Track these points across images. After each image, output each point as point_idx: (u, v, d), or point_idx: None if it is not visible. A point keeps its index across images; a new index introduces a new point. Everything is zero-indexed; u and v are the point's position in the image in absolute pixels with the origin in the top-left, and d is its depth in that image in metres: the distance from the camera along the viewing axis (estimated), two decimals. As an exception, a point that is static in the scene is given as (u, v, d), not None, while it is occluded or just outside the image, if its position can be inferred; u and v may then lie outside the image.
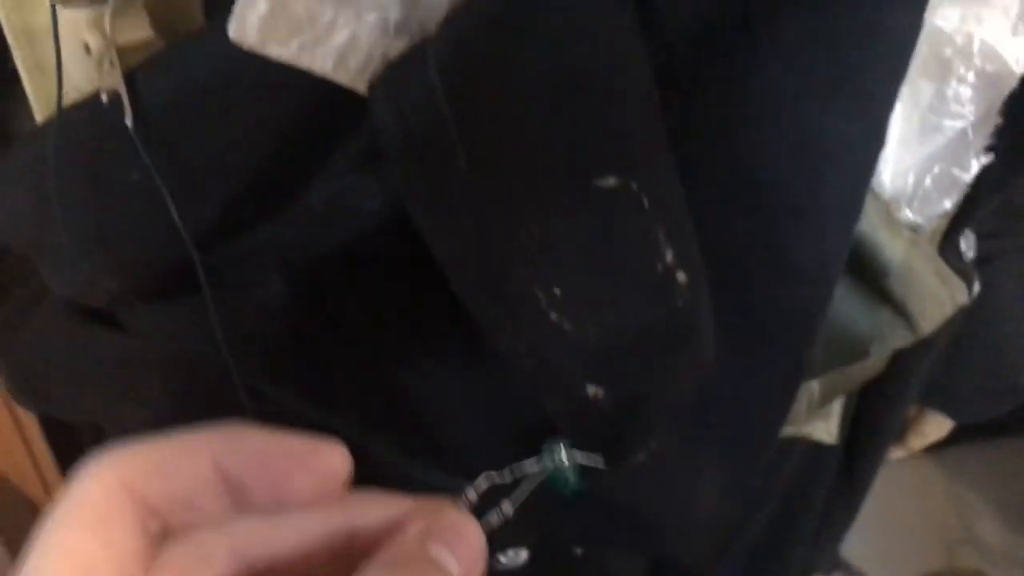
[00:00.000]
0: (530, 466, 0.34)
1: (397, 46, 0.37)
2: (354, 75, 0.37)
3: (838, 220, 0.39)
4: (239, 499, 0.25)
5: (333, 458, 0.26)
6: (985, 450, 1.78)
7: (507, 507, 0.30)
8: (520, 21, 0.34)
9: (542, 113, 0.34)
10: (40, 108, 0.45)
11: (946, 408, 0.86)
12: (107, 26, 0.41)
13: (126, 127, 0.40)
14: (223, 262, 0.43)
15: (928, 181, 0.41)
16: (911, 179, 0.42)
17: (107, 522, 0.23)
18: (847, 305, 0.44)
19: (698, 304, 0.36)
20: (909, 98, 0.40)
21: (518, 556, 0.57)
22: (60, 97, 0.43)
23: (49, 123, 0.44)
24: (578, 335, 0.36)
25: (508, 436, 0.45)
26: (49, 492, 1.22)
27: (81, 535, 0.23)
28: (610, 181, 0.35)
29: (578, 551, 0.57)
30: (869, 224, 0.41)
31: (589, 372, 0.37)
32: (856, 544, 1.09)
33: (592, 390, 0.37)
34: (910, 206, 0.42)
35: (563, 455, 0.35)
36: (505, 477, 0.33)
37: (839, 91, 0.36)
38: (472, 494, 0.29)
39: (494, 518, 0.30)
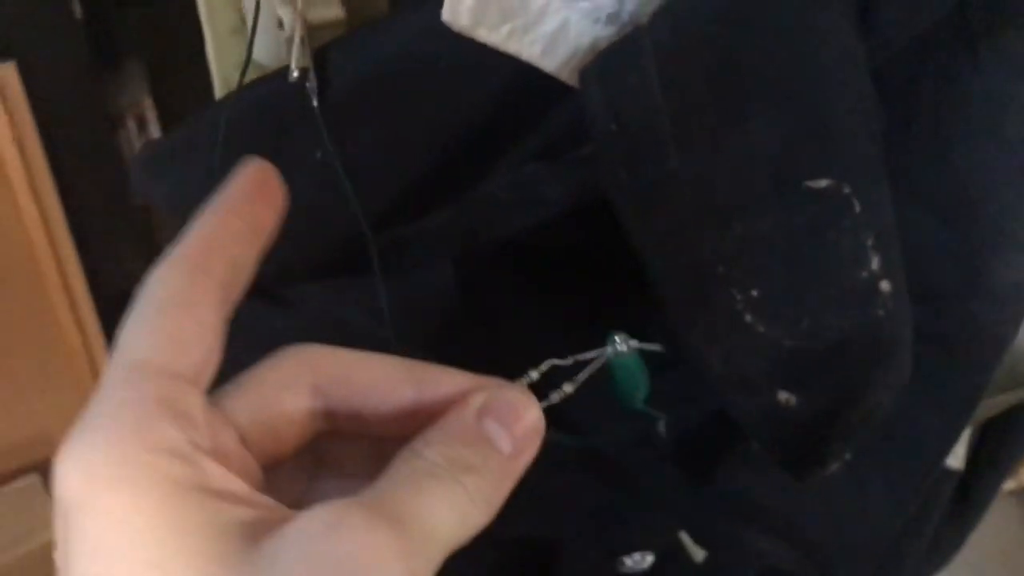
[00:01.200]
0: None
1: (606, 36, 0.36)
2: (561, 63, 0.36)
3: None
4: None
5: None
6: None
7: (568, 387, 0.31)
8: (747, 16, 0.33)
9: (761, 110, 0.34)
10: (220, 78, 0.45)
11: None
12: (299, 1, 0.41)
13: (312, 106, 0.40)
14: (396, 243, 0.43)
15: None
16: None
17: (192, 306, 0.25)
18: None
19: (900, 316, 0.36)
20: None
21: (643, 560, 0.57)
22: (245, 70, 0.43)
23: (228, 96, 0.44)
24: (773, 339, 0.36)
25: (670, 437, 0.44)
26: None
27: (173, 319, 0.25)
28: (822, 183, 0.34)
29: (699, 558, 0.56)
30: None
31: (782, 378, 0.36)
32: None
33: (784, 396, 0.36)
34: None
35: (625, 343, 0.35)
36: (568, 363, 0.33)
37: None
38: (535, 375, 0.31)
39: (555, 397, 0.31)
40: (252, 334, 0.49)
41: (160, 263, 0.26)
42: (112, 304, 1.27)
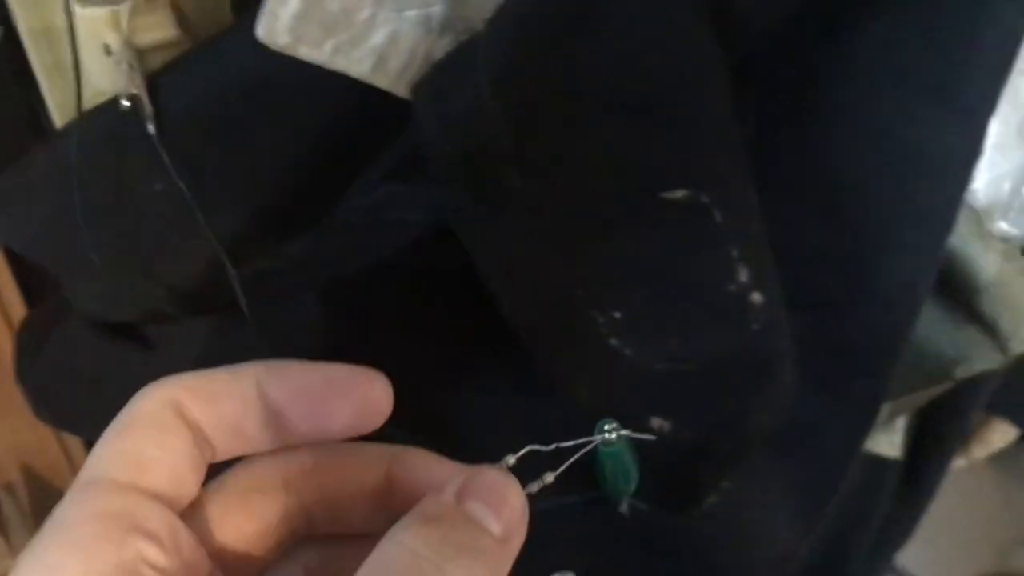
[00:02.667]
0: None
1: (442, 45, 0.33)
2: (394, 78, 0.33)
3: (929, 237, 0.35)
4: (282, 430, 0.25)
5: (374, 388, 0.25)
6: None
7: (548, 477, 0.28)
8: (580, 20, 0.30)
9: (606, 121, 0.31)
10: (59, 112, 0.42)
11: (1013, 416, 0.82)
12: (125, 26, 0.38)
13: (148, 134, 0.37)
14: (254, 277, 0.40)
15: (1027, 189, 0.38)
16: (1007, 187, 0.38)
17: (162, 431, 0.23)
18: (931, 325, 0.40)
19: (776, 329, 0.33)
20: (1007, 98, 0.36)
21: (571, 585, 0.54)
22: (80, 102, 0.40)
23: (68, 129, 0.41)
24: (640, 362, 0.33)
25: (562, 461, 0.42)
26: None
27: (137, 440, 0.23)
28: (678, 194, 0.31)
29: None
30: (959, 236, 0.38)
31: (654, 404, 0.34)
32: (907, 547, 1.06)
33: (658, 423, 0.33)
34: (1005, 217, 0.38)
35: (615, 432, 0.32)
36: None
37: (936, 94, 0.33)
38: (512, 460, 0.27)
39: (534, 487, 0.27)
40: (117, 375, 0.46)
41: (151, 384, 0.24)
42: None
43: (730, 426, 0.34)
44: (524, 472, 0.28)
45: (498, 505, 0.23)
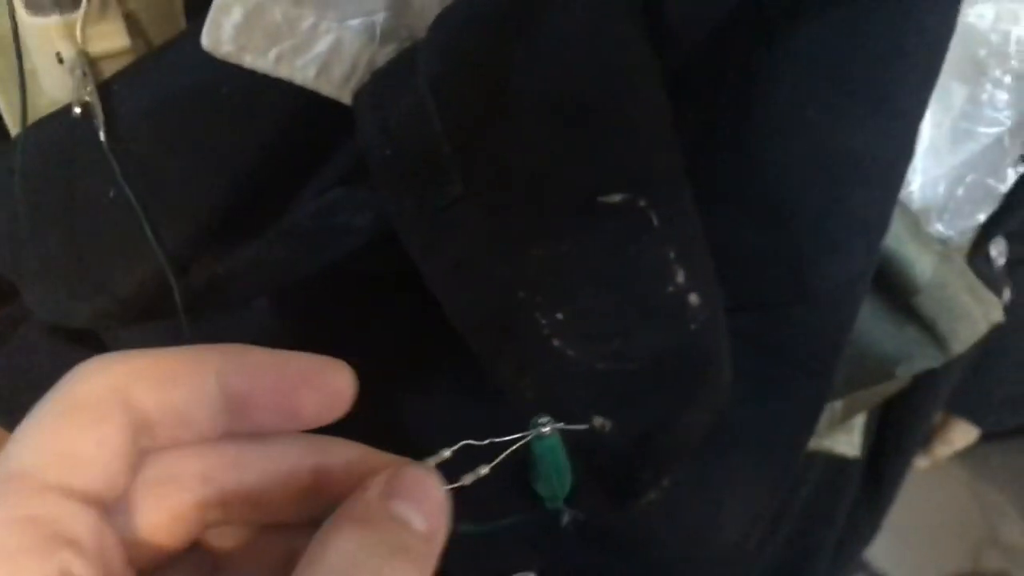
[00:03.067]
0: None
1: (385, 53, 0.34)
2: (338, 85, 0.34)
3: (863, 238, 0.36)
4: (241, 419, 0.24)
5: (338, 377, 0.25)
6: (1009, 450, 1.74)
7: (483, 469, 0.28)
8: (518, 25, 0.31)
9: (543, 126, 0.32)
10: (12, 121, 0.42)
11: (973, 416, 0.83)
12: (79, 34, 0.38)
13: (100, 142, 0.38)
14: (206, 282, 0.41)
15: (960, 192, 0.38)
16: (942, 189, 0.39)
17: (102, 423, 0.22)
18: (872, 325, 0.41)
19: (713, 329, 0.34)
20: (940, 103, 0.37)
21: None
22: (25, 112, 0.40)
23: (20, 136, 0.42)
24: (582, 362, 0.34)
25: (507, 470, 0.42)
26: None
27: (70, 431, 0.22)
28: (616, 197, 0.32)
29: None
30: (897, 238, 0.38)
31: (596, 403, 0.34)
32: (879, 546, 1.06)
33: (599, 422, 0.34)
34: (941, 218, 0.39)
35: (549, 424, 0.31)
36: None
37: (864, 100, 0.33)
38: (447, 453, 0.28)
39: (469, 479, 0.28)
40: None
41: (95, 359, 0.23)
42: None
43: (670, 424, 0.34)
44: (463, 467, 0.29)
45: (421, 501, 0.24)
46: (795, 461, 0.42)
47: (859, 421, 0.64)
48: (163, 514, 0.24)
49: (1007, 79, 0.35)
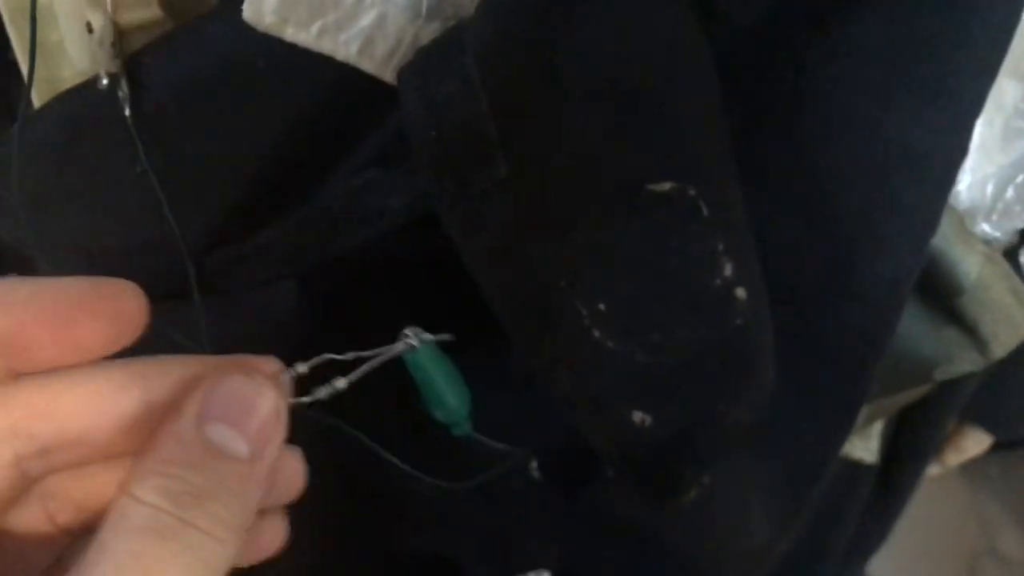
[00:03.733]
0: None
1: (429, 31, 0.33)
2: (380, 62, 0.33)
3: (912, 237, 0.35)
4: (19, 359, 0.22)
5: (124, 299, 0.23)
6: (1007, 462, 1.74)
7: (340, 382, 0.27)
8: (567, 6, 0.30)
9: (593, 110, 0.31)
10: (39, 92, 0.41)
11: (987, 424, 0.82)
12: (108, 4, 0.37)
13: (125, 116, 0.37)
14: (232, 262, 0.40)
15: (1010, 192, 0.38)
16: (990, 189, 0.38)
17: None
18: (911, 325, 0.40)
19: (758, 325, 0.33)
20: (992, 100, 0.36)
21: (540, 579, 0.54)
22: (31, 80, 0.39)
23: (44, 109, 0.41)
24: (624, 355, 0.33)
25: (540, 455, 0.41)
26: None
27: None
28: (665, 186, 0.31)
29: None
30: (943, 237, 0.38)
31: (636, 397, 0.33)
32: (876, 557, 1.06)
33: (639, 417, 0.33)
34: (988, 219, 0.39)
35: (416, 337, 0.31)
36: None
37: (922, 93, 0.32)
38: (304, 368, 0.26)
39: (323, 392, 0.27)
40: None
41: None
42: None
43: (710, 421, 0.33)
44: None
45: (243, 419, 0.22)
46: (827, 464, 0.41)
47: (877, 427, 0.63)
48: None
49: (1064, 77, 0.35)
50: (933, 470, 0.89)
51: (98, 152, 0.38)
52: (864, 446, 0.63)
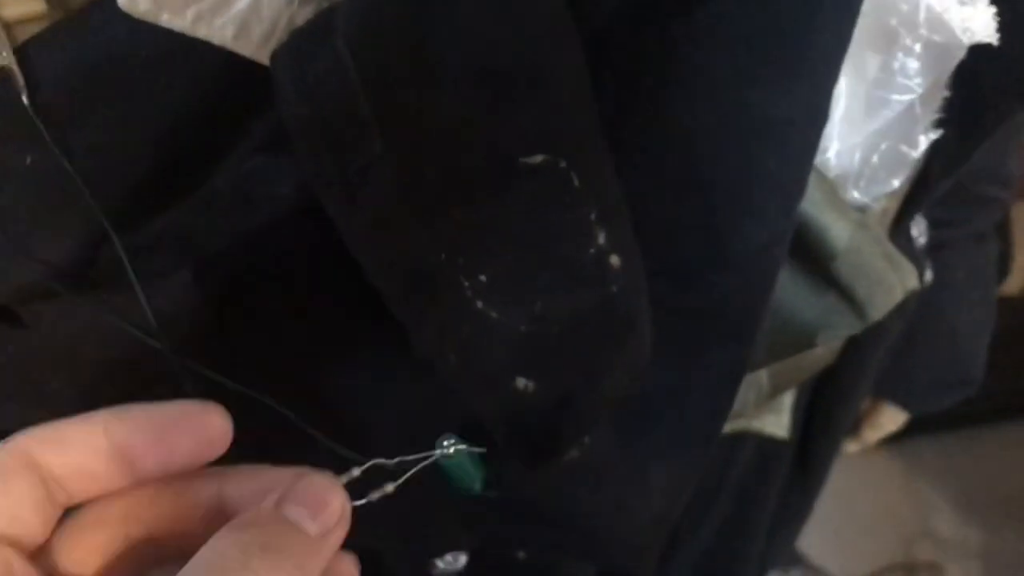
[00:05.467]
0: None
1: (304, 13, 0.34)
2: (257, 46, 0.34)
3: (779, 202, 0.36)
4: (132, 467, 0.27)
5: (212, 420, 0.28)
6: (941, 443, 1.78)
7: (389, 487, 0.31)
8: None
9: (464, 86, 0.32)
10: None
11: (899, 399, 0.85)
12: (-7, -3, 0.38)
13: (14, 107, 0.37)
14: (125, 252, 0.40)
15: (875, 159, 0.39)
16: (857, 157, 0.39)
17: (5, 479, 0.26)
18: (791, 292, 0.42)
19: (634, 290, 0.34)
20: (854, 71, 0.38)
21: (457, 560, 0.55)
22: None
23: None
24: (506, 325, 0.34)
25: (430, 435, 0.42)
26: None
27: None
28: (537, 158, 0.32)
29: (521, 555, 0.55)
30: (814, 205, 0.39)
31: (518, 364, 0.34)
32: (813, 538, 1.08)
33: (522, 383, 0.34)
34: (856, 186, 0.40)
35: (453, 447, 0.34)
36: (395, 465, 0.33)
37: (779, 64, 0.34)
38: (357, 472, 0.30)
39: (375, 496, 0.31)
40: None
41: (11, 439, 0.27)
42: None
43: (591, 385, 0.34)
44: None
45: (317, 507, 0.26)
46: (717, 429, 0.42)
47: (787, 401, 0.65)
48: (95, 557, 0.27)
49: (917, 47, 0.36)
50: (852, 447, 0.91)
51: None
52: (776, 421, 0.65)
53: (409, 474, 0.32)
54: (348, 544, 0.53)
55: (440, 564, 0.54)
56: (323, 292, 0.41)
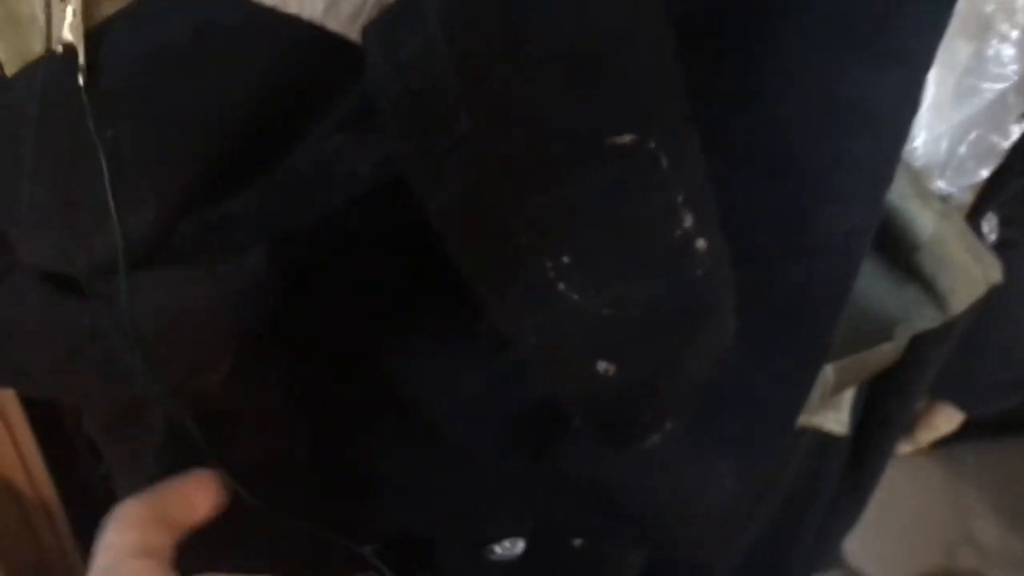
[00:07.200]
0: None
1: (394, -10, 0.34)
2: (346, 21, 0.34)
3: (867, 189, 0.36)
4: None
5: (202, 486, 0.40)
6: (984, 450, 1.76)
7: None
8: None
9: (553, 66, 0.31)
10: (11, 64, 0.42)
11: (957, 400, 0.84)
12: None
13: (88, 81, 0.37)
14: (201, 231, 0.40)
15: (963, 148, 0.39)
16: (944, 146, 0.39)
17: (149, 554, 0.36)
18: (872, 282, 0.41)
19: (718, 275, 0.34)
20: (944, 59, 0.37)
21: (514, 547, 0.55)
22: None
23: (17, 78, 0.41)
24: (588, 307, 0.34)
25: (508, 421, 0.42)
26: (34, 482, 1.19)
27: None
28: (625, 138, 0.32)
29: (577, 542, 0.55)
30: (899, 194, 0.38)
31: (600, 347, 0.34)
32: (854, 544, 1.07)
33: (603, 367, 0.34)
34: (943, 175, 0.39)
35: None
36: None
37: (873, 46, 0.33)
38: None
39: None
40: (64, 330, 0.46)
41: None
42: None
43: (672, 369, 0.34)
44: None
45: None
46: (792, 422, 0.42)
47: (848, 398, 0.64)
48: None
49: (1014, 34, 0.36)
50: (905, 448, 0.90)
51: (70, 119, 0.39)
52: (836, 418, 0.64)
53: None
54: (396, 529, 0.53)
55: (498, 550, 0.54)
56: (393, 274, 0.41)
